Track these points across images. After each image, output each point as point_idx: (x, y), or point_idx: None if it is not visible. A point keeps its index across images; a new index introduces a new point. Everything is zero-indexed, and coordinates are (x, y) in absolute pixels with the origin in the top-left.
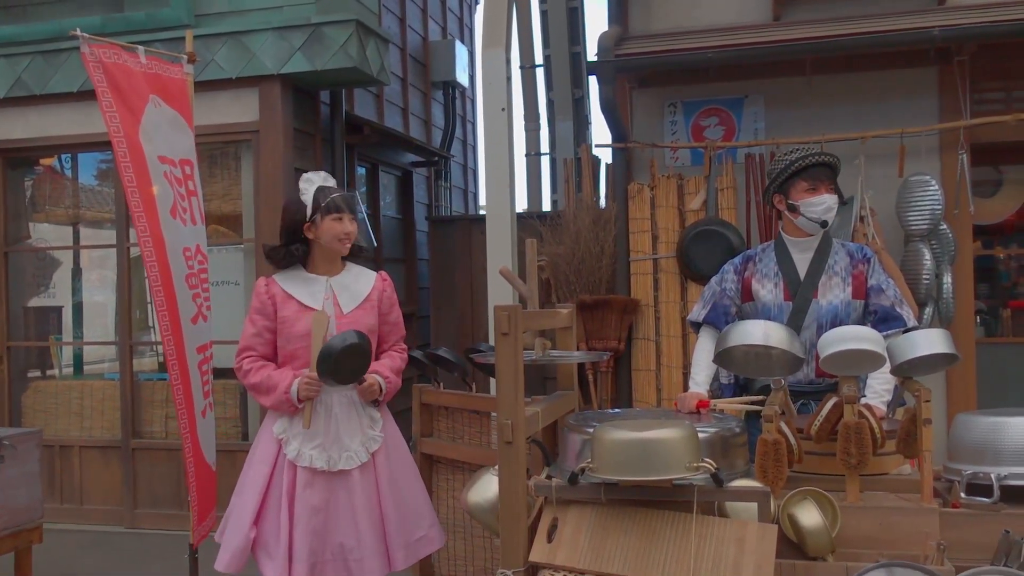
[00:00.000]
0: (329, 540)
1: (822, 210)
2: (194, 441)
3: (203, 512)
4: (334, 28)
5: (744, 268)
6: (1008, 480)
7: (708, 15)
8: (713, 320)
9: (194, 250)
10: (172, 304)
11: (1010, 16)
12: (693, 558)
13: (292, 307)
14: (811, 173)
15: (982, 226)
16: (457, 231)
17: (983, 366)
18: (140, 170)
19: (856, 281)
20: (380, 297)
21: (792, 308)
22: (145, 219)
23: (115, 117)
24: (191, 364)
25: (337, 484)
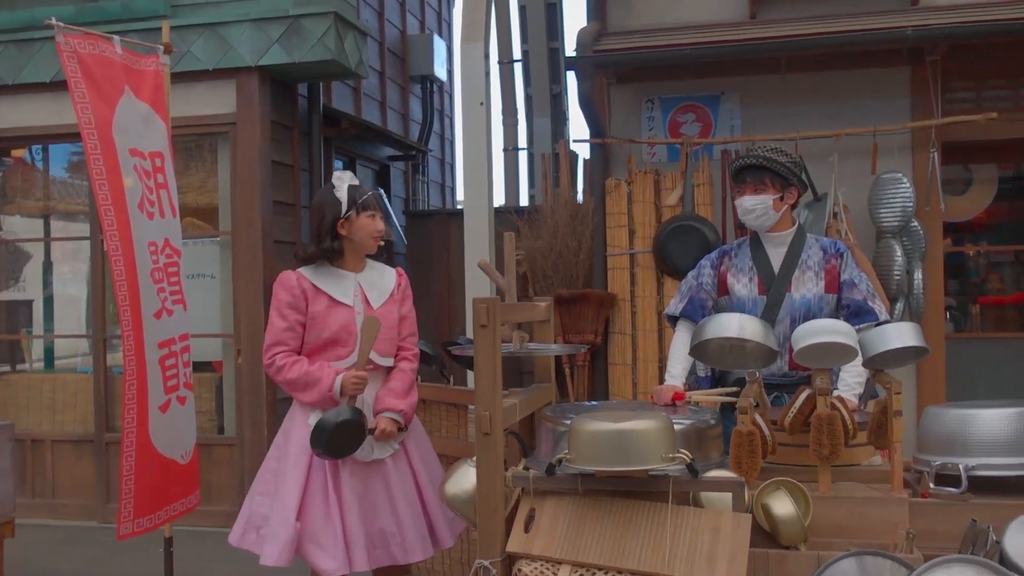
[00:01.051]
0: (372, 526)
1: (740, 212)
2: (141, 435)
3: (150, 506)
4: (312, 20)
5: (720, 263)
6: (975, 471)
7: (686, 12)
8: (690, 313)
9: (161, 244)
10: (135, 298)
11: (981, 17)
12: (668, 547)
13: (323, 302)
14: (738, 178)
15: (952, 223)
16: (434, 225)
17: (953, 360)
18: (110, 163)
19: (829, 275)
20: (402, 294)
21: (766, 302)
22: (113, 212)
23: (87, 108)
24: (149, 359)
25: (373, 472)
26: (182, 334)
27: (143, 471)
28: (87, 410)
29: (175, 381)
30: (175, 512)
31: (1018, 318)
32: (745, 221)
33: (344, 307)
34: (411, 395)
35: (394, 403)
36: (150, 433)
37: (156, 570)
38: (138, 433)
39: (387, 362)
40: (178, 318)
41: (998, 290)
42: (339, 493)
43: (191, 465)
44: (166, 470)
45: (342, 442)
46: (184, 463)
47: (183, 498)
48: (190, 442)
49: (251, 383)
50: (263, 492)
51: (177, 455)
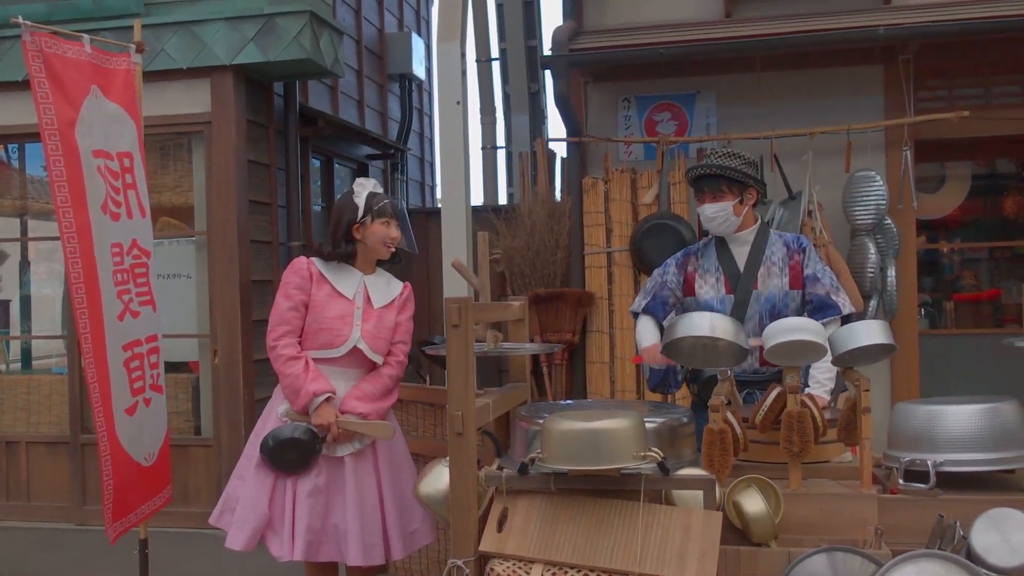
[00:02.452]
0: (327, 520)
1: (703, 219)
2: (112, 439)
3: (126, 508)
4: (287, 19)
5: (686, 263)
6: (943, 466)
7: (662, 11)
8: (652, 309)
9: (128, 245)
10: (94, 301)
11: (952, 16)
12: (640, 545)
13: (325, 290)
14: (696, 185)
15: (926, 221)
16: (414, 224)
17: (926, 357)
18: (72, 164)
19: (793, 271)
20: (399, 298)
21: (734, 300)
22: (72, 214)
23: (50, 109)
24: (113, 362)
25: (335, 468)
26: (149, 336)
27: (117, 474)
28: (62, 411)
29: (141, 383)
30: (145, 513)
31: (992, 314)
32: (709, 228)
33: (344, 299)
34: (381, 400)
35: (356, 405)
36: (118, 436)
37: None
38: (109, 437)
39: (377, 358)
40: (145, 320)
41: (971, 287)
42: (295, 483)
43: (158, 466)
44: (135, 472)
45: (288, 457)
46: (148, 465)
47: (152, 498)
48: (155, 444)
49: (228, 384)
50: (240, 476)
51: (140, 457)
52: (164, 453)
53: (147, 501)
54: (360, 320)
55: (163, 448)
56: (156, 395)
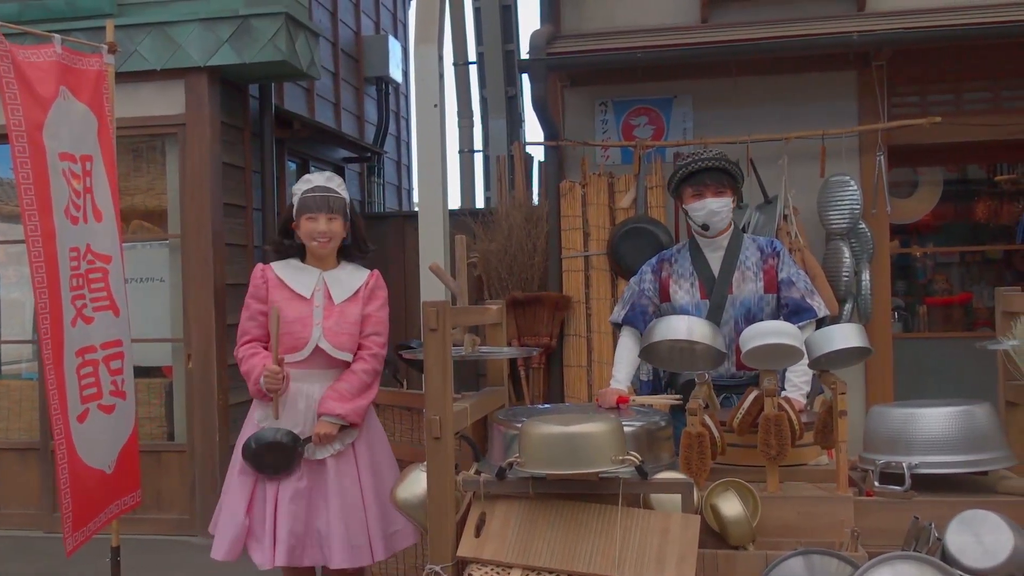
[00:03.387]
0: (309, 525)
1: (703, 215)
2: (69, 446)
3: (86, 517)
4: (263, 20)
5: (660, 269)
6: (919, 469)
7: (638, 16)
8: (632, 320)
9: (83, 250)
10: (56, 306)
11: (925, 23)
12: (618, 549)
13: (283, 293)
14: (696, 179)
15: (899, 225)
16: (390, 228)
17: (900, 360)
18: (38, 168)
19: (767, 276)
20: (364, 289)
21: (709, 305)
22: (38, 218)
23: (18, 111)
24: (68, 368)
25: (316, 471)
26: (107, 342)
27: (75, 483)
28: (32, 417)
29: (94, 390)
30: (102, 520)
31: (964, 318)
32: (711, 223)
33: (302, 300)
34: (359, 398)
35: (333, 407)
36: (74, 443)
37: None
38: (67, 445)
39: (345, 356)
40: (102, 325)
41: (944, 290)
42: (277, 489)
43: (119, 472)
44: (95, 480)
45: (268, 461)
46: (110, 472)
47: (114, 502)
48: (114, 451)
49: (202, 388)
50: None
51: (103, 464)
52: (129, 458)
53: (105, 508)
54: (320, 319)
55: (128, 453)
56: (118, 401)
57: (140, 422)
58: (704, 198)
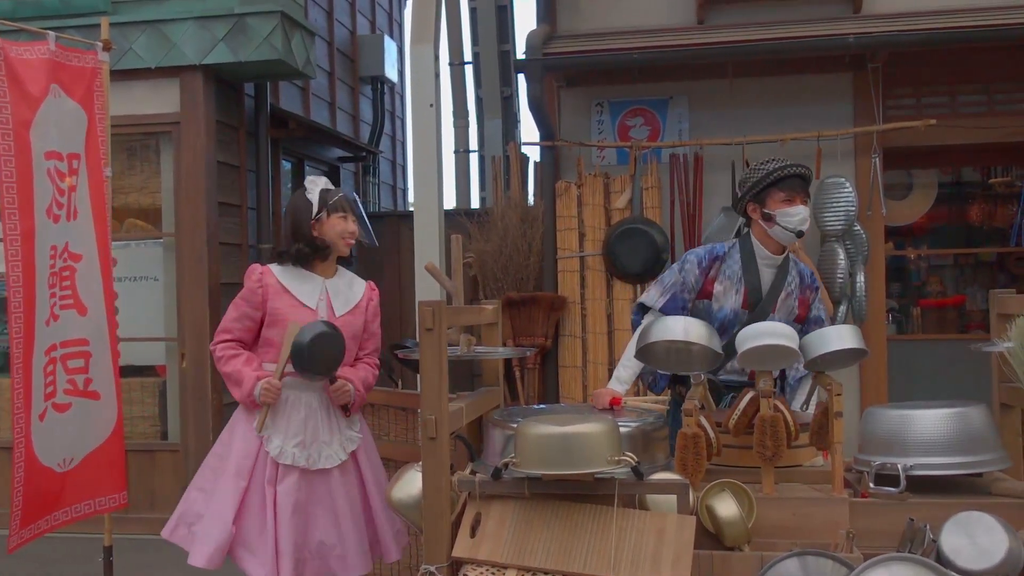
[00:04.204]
0: (310, 537)
1: (798, 220)
2: (27, 444)
3: (34, 515)
4: (258, 19)
5: (710, 267)
6: (914, 470)
7: (635, 17)
8: (669, 311)
9: (61, 248)
10: (30, 306)
11: (921, 26)
12: (614, 550)
13: (287, 300)
14: (788, 183)
15: (894, 227)
16: (385, 227)
17: (894, 362)
18: (23, 167)
19: (800, 306)
20: (367, 306)
21: (749, 317)
22: (18, 217)
23: (6, 108)
24: (36, 367)
25: (318, 482)
26: (68, 340)
27: (27, 479)
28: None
29: (52, 388)
30: (58, 521)
31: (958, 320)
32: (803, 230)
33: (307, 309)
34: (367, 390)
35: (354, 381)
36: (32, 441)
37: None
38: (25, 443)
39: (344, 370)
40: (69, 323)
41: (938, 293)
42: (276, 501)
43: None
44: (46, 478)
45: (322, 356)
46: (61, 471)
47: (67, 506)
48: (74, 451)
49: (196, 388)
50: (200, 488)
51: (54, 464)
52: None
53: (59, 509)
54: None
55: (104, 454)
56: (78, 400)
57: (133, 421)
58: (796, 204)
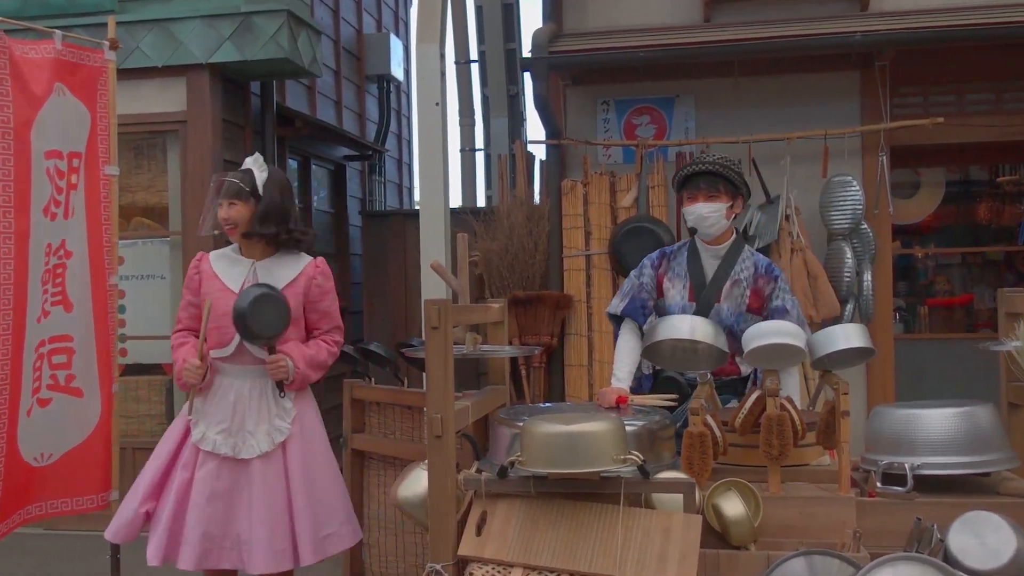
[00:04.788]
0: (229, 528)
1: (692, 219)
2: (11, 440)
3: (8, 509)
4: (264, 18)
5: (659, 264)
6: (921, 470)
7: (641, 15)
8: (631, 313)
9: (56, 245)
10: (20, 303)
11: (928, 24)
12: (620, 549)
13: (215, 286)
14: (690, 183)
15: (901, 226)
16: (391, 226)
17: (902, 361)
18: (21, 166)
19: (754, 295)
20: (308, 283)
21: (695, 310)
22: (13, 215)
23: (8, 108)
24: (25, 363)
25: (240, 472)
26: (55, 336)
27: (8, 475)
28: None
29: (38, 384)
30: (31, 515)
31: (965, 319)
32: (699, 228)
33: (229, 293)
34: (315, 370)
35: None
36: (17, 437)
37: None
38: (8, 438)
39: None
40: (56, 320)
41: (946, 292)
42: (190, 487)
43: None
44: (23, 473)
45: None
46: (36, 466)
47: (40, 502)
48: (52, 447)
49: None
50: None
51: (31, 458)
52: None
53: (32, 503)
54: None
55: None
56: (62, 396)
57: (140, 419)
58: (696, 202)
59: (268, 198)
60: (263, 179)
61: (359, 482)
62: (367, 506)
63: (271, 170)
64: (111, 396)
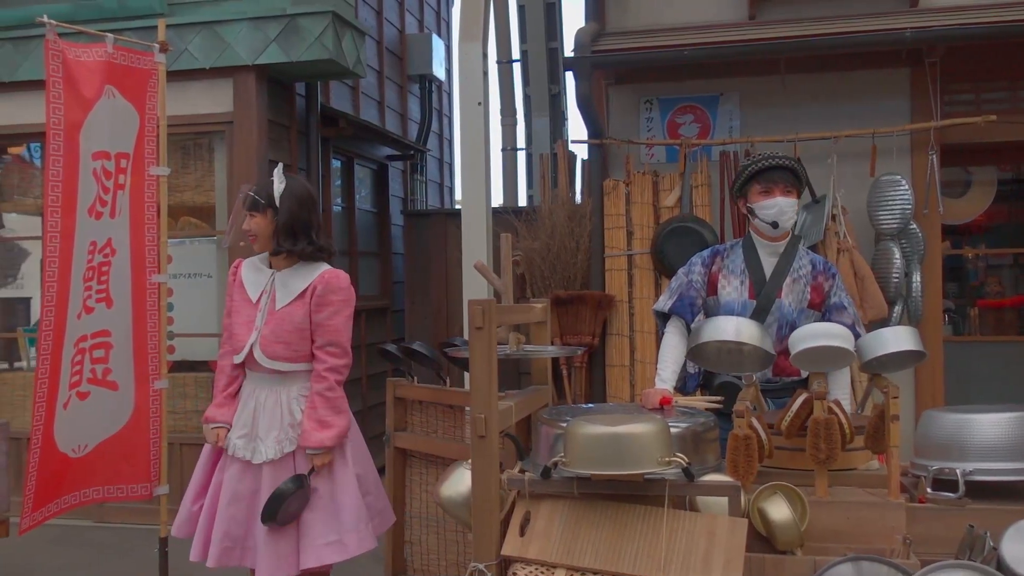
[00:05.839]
0: (251, 528)
1: (773, 212)
2: (47, 432)
3: (45, 498)
4: (310, 19)
5: (712, 262)
6: (973, 476)
7: (684, 13)
8: (679, 311)
9: (102, 244)
10: (63, 301)
11: (980, 19)
12: (664, 551)
13: (241, 294)
14: (765, 176)
15: (951, 226)
16: (433, 225)
17: (951, 364)
18: (70, 167)
19: (815, 292)
20: (311, 294)
21: (756, 306)
22: (60, 215)
23: (59, 110)
24: (64, 359)
25: (256, 476)
26: (96, 331)
27: (41, 464)
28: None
29: (78, 378)
30: (67, 504)
31: (1017, 321)
32: (779, 221)
33: (249, 304)
34: (337, 417)
35: (317, 439)
36: (53, 429)
37: (150, 570)
38: (44, 430)
39: (280, 366)
40: (98, 316)
41: (997, 293)
42: (218, 488)
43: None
44: (59, 463)
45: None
46: (74, 457)
47: (76, 491)
48: (90, 438)
49: None
50: None
51: (69, 449)
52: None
53: (69, 493)
54: (261, 323)
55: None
56: (98, 390)
57: (187, 415)
58: (774, 196)
59: (285, 212)
60: (280, 191)
61: (401, 480)
62: (408, 504)
63: (290, 181)
64: (148, 390)
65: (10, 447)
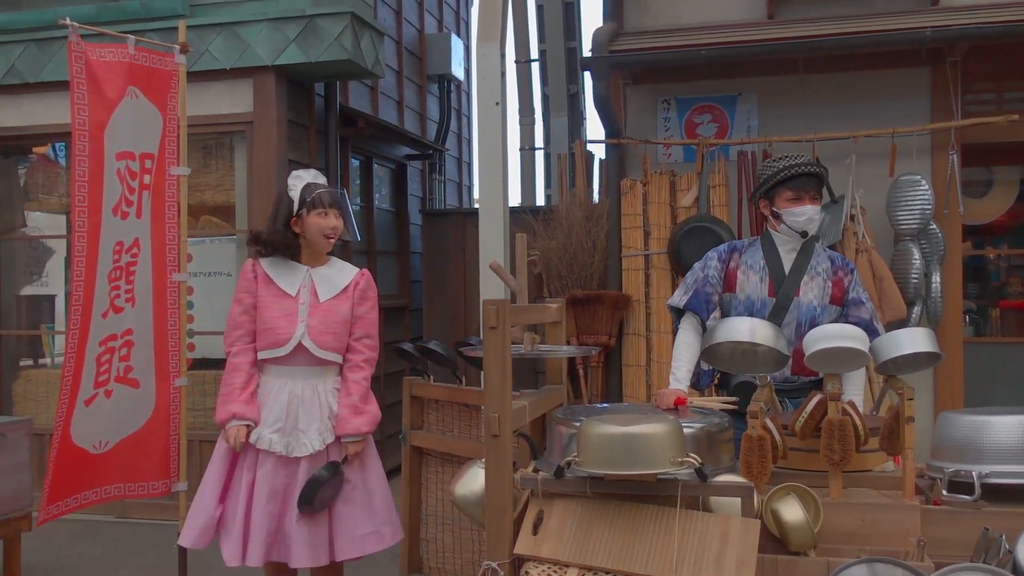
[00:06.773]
0: (284, 522)
1: (803, 220)
2: (66, 427)
3: (63, 492)
4: (329, 20)
5: (729, 258)
6: (989, 478)
7: (702, 12)
8: (694, 307)
9: (129, 244)
10: (88, 300)
11: (1002, 17)
12: (676, 552)
13: (271, 290)
14: (796, 183)
15: (972, 226)
16: (451, 225)
17: (971, 365)
18: (95, 167)
19: (835, 287)
20: (354, 289)
21: (775, 304)
22: (87, 215)
23: (84, 110)
24: (88, 356)
25: (291, 470)
26: (125, 330)
27: (59, 458)
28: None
29: (106, 376)
30: (87, 500)
31: None
32: (809, 229)
33: (288, 298)
34: (369, 404)
35: (355, 425)
36: (71, 424)
37: (171, 565)
38: (64, 426)
39: (329, 356)
40: (126, 315)
41: (1018, 294)
42: (252, 487)
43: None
44: (78, 459)
45: (326, 496)
46: (95, 453)
47: (97, 487)
48: (111, 434)
49: None
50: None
51: (89, 445)
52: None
53: (88, 489)
54: (305, 316)
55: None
56: (120, 387)
57: (208, 412)
58: (804, 203)
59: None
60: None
61: (417, 478)
62: (424, 501)
63: None
64: (168, 388)
65: (33, 443)
